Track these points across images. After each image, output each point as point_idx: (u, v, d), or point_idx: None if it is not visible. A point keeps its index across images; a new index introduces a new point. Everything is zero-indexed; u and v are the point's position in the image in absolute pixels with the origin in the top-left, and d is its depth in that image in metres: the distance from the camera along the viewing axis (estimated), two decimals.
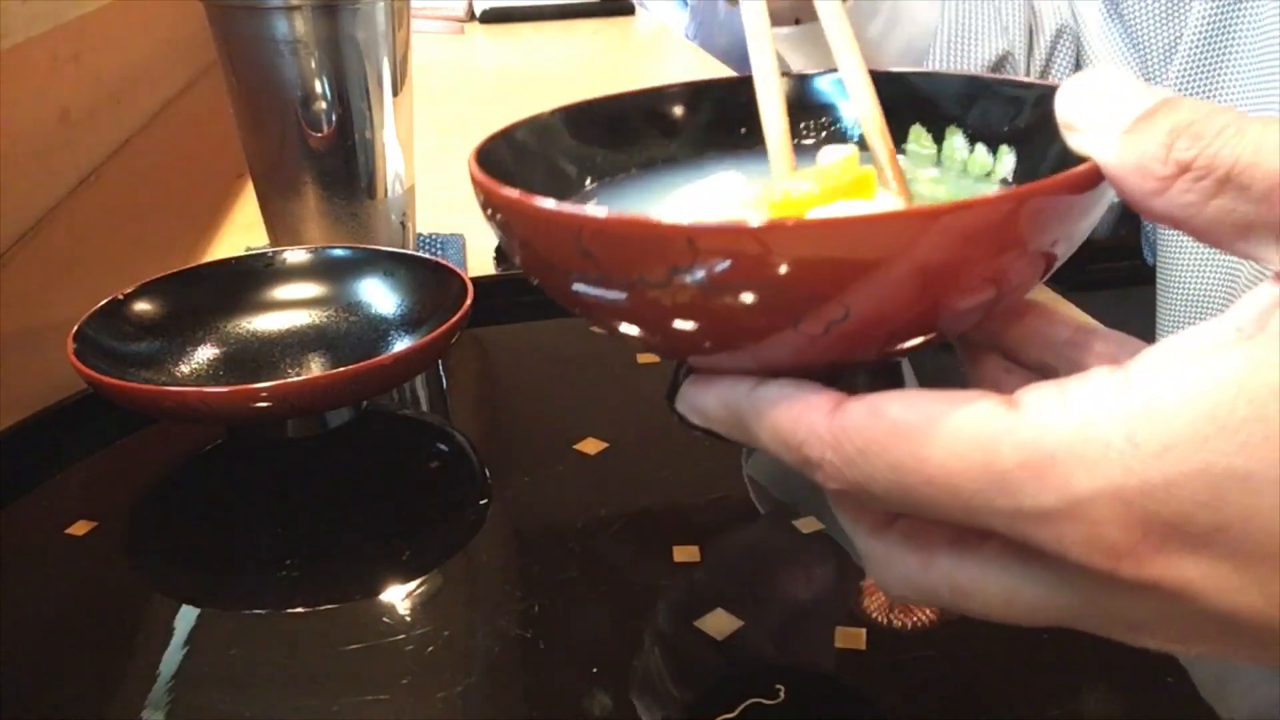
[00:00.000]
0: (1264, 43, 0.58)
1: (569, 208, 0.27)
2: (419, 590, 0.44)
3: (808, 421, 0.26)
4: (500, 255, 0.80)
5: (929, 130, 0.37)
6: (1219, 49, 0.60)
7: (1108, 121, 0.26)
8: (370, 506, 0.50)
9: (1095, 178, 0.26)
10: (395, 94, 0.70)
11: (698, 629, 0.40)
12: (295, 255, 0.62)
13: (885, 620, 0.41)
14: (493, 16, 1.87)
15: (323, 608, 0.44)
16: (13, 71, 0.86)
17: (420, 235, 0.78)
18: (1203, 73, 0.61)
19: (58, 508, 0.50)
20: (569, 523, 0.48)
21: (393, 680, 0.39)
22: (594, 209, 0.26)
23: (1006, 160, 0.35)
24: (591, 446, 0.53)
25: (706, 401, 0.29)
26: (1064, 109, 0.27)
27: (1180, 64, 0.61)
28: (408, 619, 0.42)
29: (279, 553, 0.47)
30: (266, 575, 0.46)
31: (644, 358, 0.61)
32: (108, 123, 1.11)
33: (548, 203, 0.27)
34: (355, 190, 0.70)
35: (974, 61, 0.61)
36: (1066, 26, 0.68)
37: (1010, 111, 0.35)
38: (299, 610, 0.44)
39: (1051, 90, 0.31)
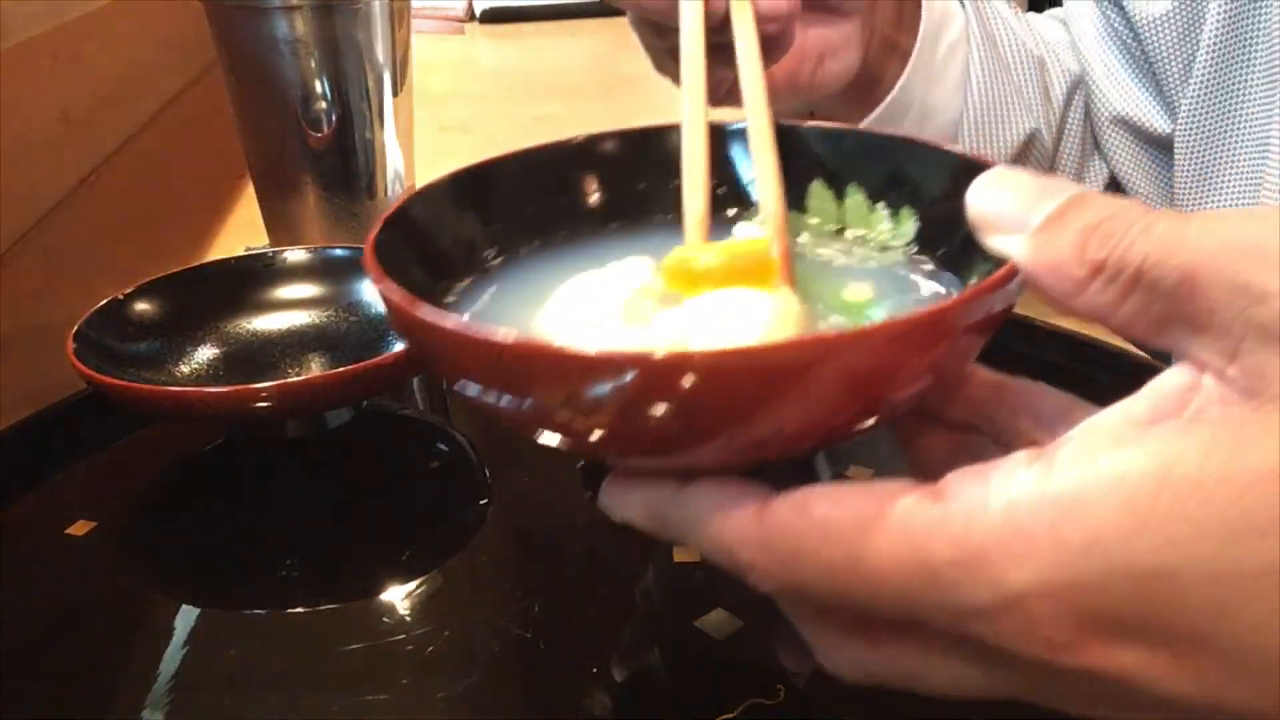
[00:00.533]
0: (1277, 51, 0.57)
1: (471, 329, 0.26)
2: (419, 590, 0.44)
3: (734, 526, 0.26)
4: None
5: (830, 188, 0.36)
6: (1235, 62, 0.60)
7: (1020, 222, 0.26)
8: (370, 506, 0.50)
9: (1010, 277, 0.26)
10: (395, 94, 0.70)
11: (698, 629, 0.40)
12: (295, 255, 0.62)
13: None
14: (493, 16, 1.87)
15: (323, 608, 0.44)
16: (13, 71, 0.86)
17: None
18: (1220, 88, 0.61)
19: (58, 508, 0.50)
20: (569, 523, 0.48)
21: (393, 680, 0.39)
22: (498, 332, 0.25)
23: (909, 225, 0.34)
24: None
25: (628, 504, 0.28)
26: (976, 210, 0.28)
27: (1197, 83, 0.61)
28: (408, 619, 0.42)
29: (279, 553, 0.47)
30: (266, 575, 0.46)
31: None
32: (108, 123, 1.11)
33: (447, 320, 0.26)
34: (355, 190, 0.70)
35: (1002, 143, 0.61)
36: (1077, 82, 0.68)
37: (916, 173, 0.34)
38: (299, 610, 0.44)
39: (958, 157, 0.31)
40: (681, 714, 0.37)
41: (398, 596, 0.44)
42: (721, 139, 0.37)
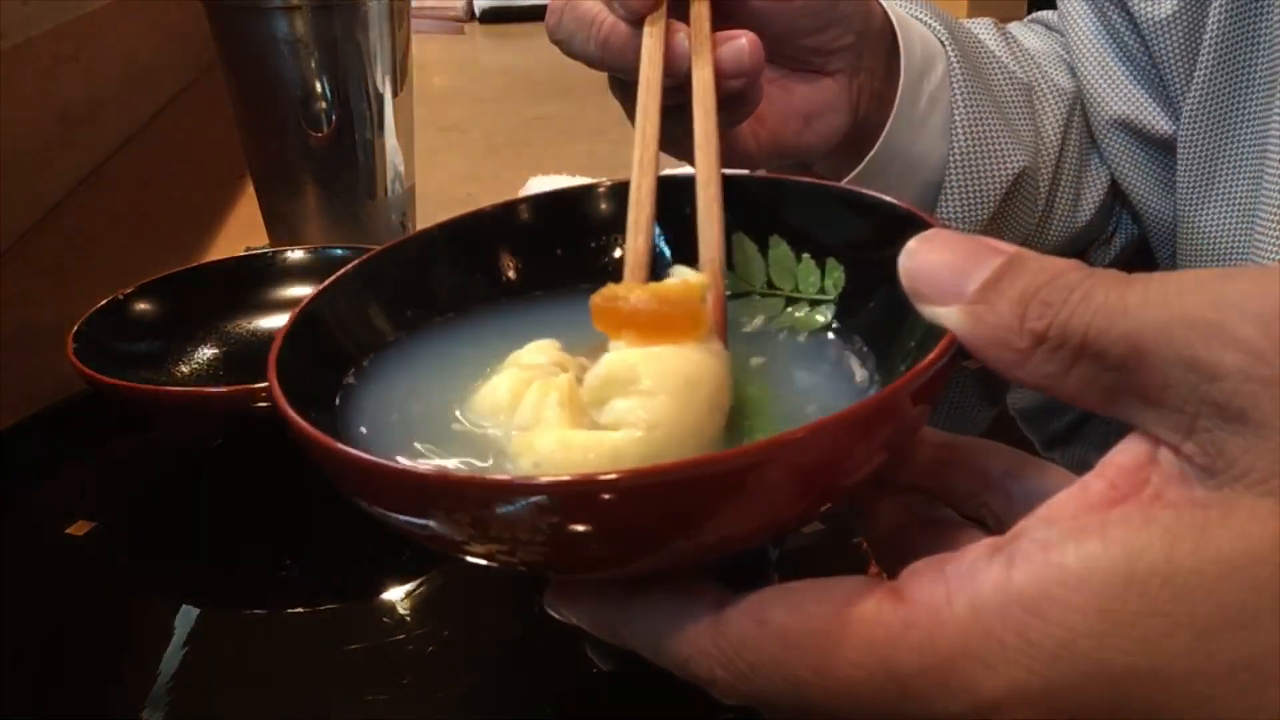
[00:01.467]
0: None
1: (382, 464, 0.25)
2: (419, 590, 0.44)
3: (689, 641, 0.25)
4: None
5: (754, 240, 0.35)
6: (1236, 64, 0.60)
7: (955, 290, 0.25)
8: None
9: (948, 350, 0.25)
10: (395, 94, 0.70)
11: None
12: (295, 255, 0.62)
13: None
14: (492, 16, 1.87)
15: (323, 608, 0.44)
16: (13, 71, 0.86)
17: None
18: (1222, 90, 0.60)
19: (58, 508, 0.50)
20: None
21: (393, 680, 0.39)
22: (402, 466, 0.24)
23: (835, 275, 0.33)
24: None
25: (576, 614, 0.27)
26: (910, 278, 0.26)
27: (1199, 84, 0.61)
28: (408, 619, 0.42)
29: (279, 553, 0.47)
30: (266, 575, 0.46)
31: None
32: (108, 123, 1.11)
33: (356, 455, 0.25)
34: (355, 190, 0.70)
35: (993, 183, 0.60)
36: (1074, 99, 0.67)
37: (842, 223, 0.33)
38: (299, 610, 0.44)
39: (886, 205, 0.30)
40: (681, 714, 0.37)
41: (398, 596, 0.44)
42: (667, 190, 0.36)
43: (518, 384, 0.30)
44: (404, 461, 0.25)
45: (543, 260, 0.37)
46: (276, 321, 0.60)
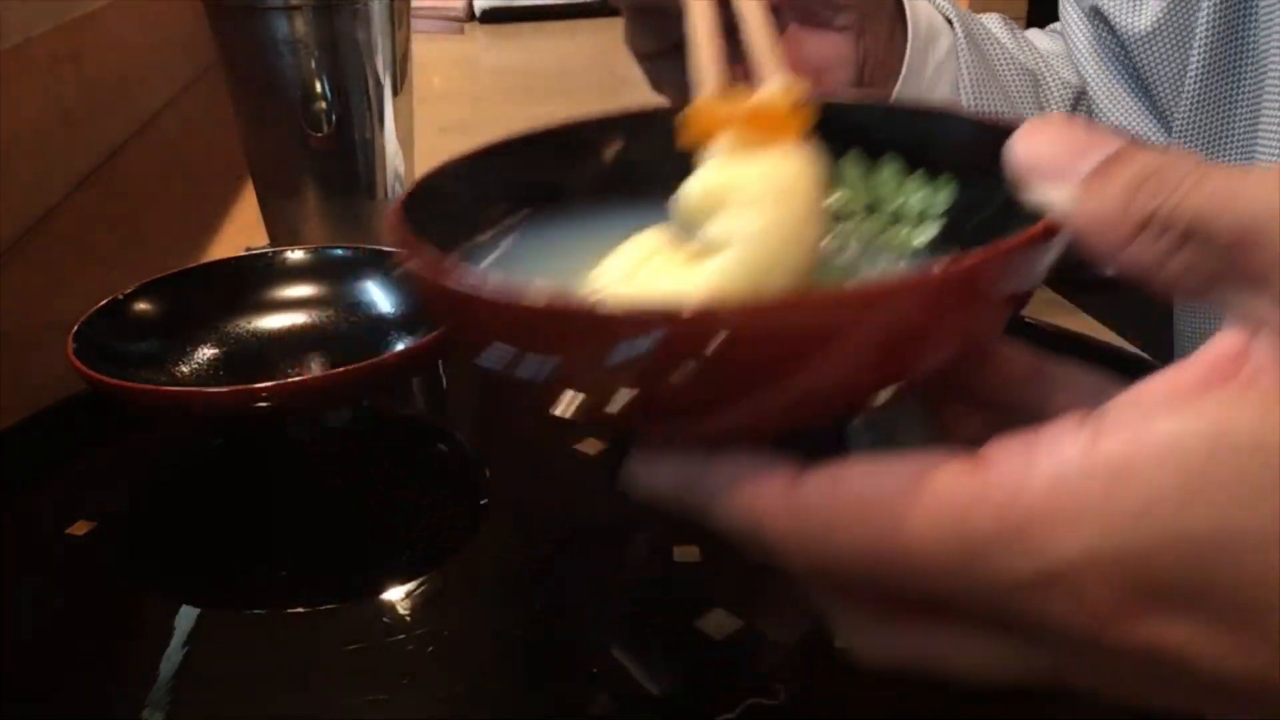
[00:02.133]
0: (1275, 18, 0.57)
1: (491, 290, 0.25)
2: (419, 590, 0.44)
3: (763, 499, 0.25)
4: None
5: (865, 161, 0.35)
6: (1224, 75, 0.60)
7: (1065, 173, 0.25)
8: (370, 506, 0.50)
9: (1051, 233, 0.25)
10: (395, 94, 0.70)
11: (698, 629, 0.40)
12: (295, 255, 0.62)
13: None
14: (493, 16, 1.87)
15: (323, 608, 0.44)
16: (13, 71, 0.86)
17: None
18: (1211, 102, 0.60)
19: (58, 508, 0.50)
20: (569, 523, 0.48)
21: (393, 680, 0.39)
22: (518, 291, 0.24)
23: (945, 194, 0.33)
24: (591, 446, 0.53)
25: (653, 481, 0.27)
26: (1018, 159, 0.26)
27: (1189, 96, 0.61)
28: (408, 619, 0.42)
29: (279, 553, 0.47)
30: (266, 575, 0.46)
31: None
32: (108, 123, 1.11)
33: (460, 281, 0.25)
34: (355, 190, 0.70)
35: None
36: (1078, 94, 0.67)
37: (953, 144, 0.33)
38: (299, 610, 0.44)
39: (994, 125, 0.30)
40: (681, 714, 0.37)
41: (398, 596, 0.44)
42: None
43: (632, 258, 0.30)
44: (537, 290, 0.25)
45: (641, 170, 0.37)
46: (277, 321, 0.60)
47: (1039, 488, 0.22)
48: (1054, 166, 0.25)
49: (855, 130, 0.35)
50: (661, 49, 0.51)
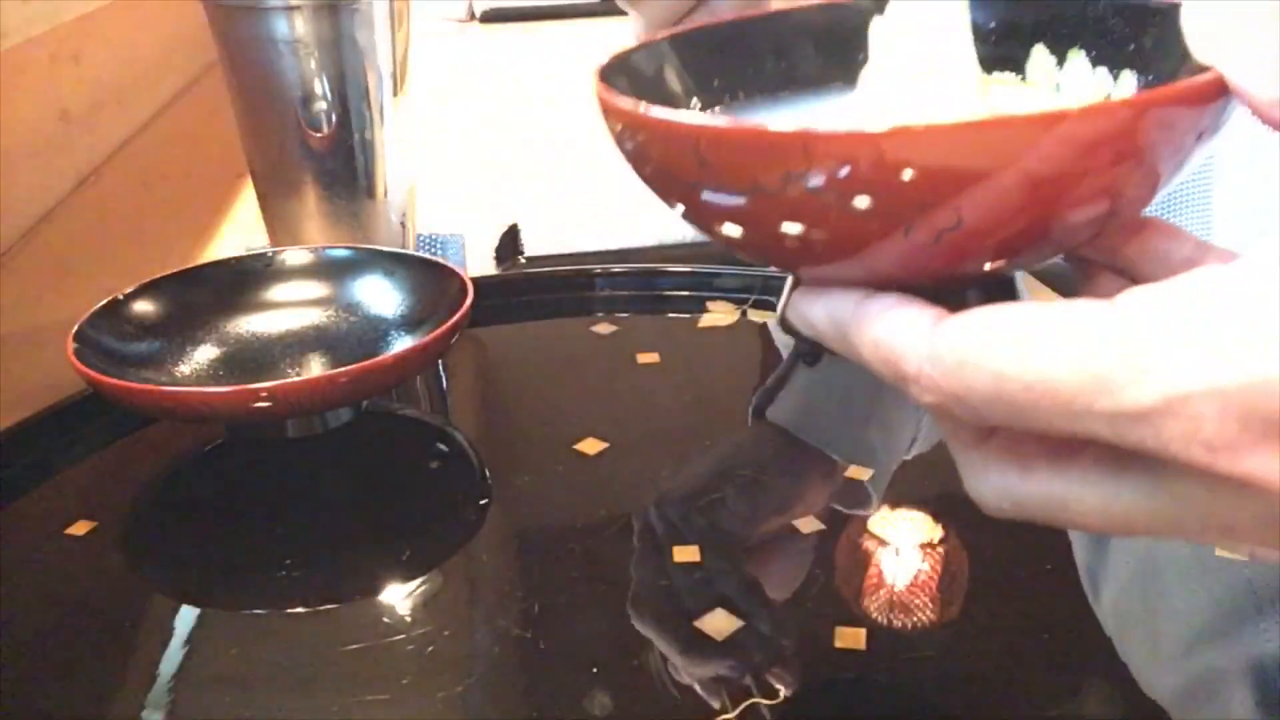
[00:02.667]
0: None
1: (685, 117, 0.27)
2: (419, 590, 0.44)
3: (907, 334, 0.26)
4: (500, 255, 0.80)
5: (1053, 53, 0.36)
6: None
7: (1231, 29, 0.26)
8: (370, 506, 0.50)
9: (1218, 88, 0.26)
10: (395, 94, 0.70)
11: (698, 629, 0.40)
12: (295, 255, 0.62)
13: (885, 620, 0.41)
14: (493, 16, 1.87)
15: (323, 608, 0.44)
16: (13, 71, 0.86)
17: (420, 235, 0.78)
18: None
19: (58, 508, 0.50)
20: (569, 523, 0.48)
21: (393, 680, 0.39)
22: (709, 118, 0.27)
23: (1127, 83, 0.34)
24: (591, 446, 0.53)
25: (814, 312, 0.29)
26: (1188, 18, 0.27)
27: None
28: (408, 619, 0.42)
29: (279, 553, 0.47)
30: (266, 575, 0.46)
31: (644, 358, 0.61)
32: (108, 123, 1.11)
33: (664, 112, 0.28)
34: (355, 190, 0.70)
35: None
36: None
37: (1133, 30, 0.34)
38: (299, 610, 0.44)
39: (1176, 7, 0.30)
40: (681, 714, 0.37)
41: (398, 596, 0.44)
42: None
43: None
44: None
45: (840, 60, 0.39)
46: (277, 321, 0.60)
47: (1166, 320, 0.22)
48: (1221, 24, 0.26)
49: (1047, 18, 0.36)
50: None
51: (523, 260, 0.80)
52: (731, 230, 0.29)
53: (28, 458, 0.52)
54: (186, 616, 0.44)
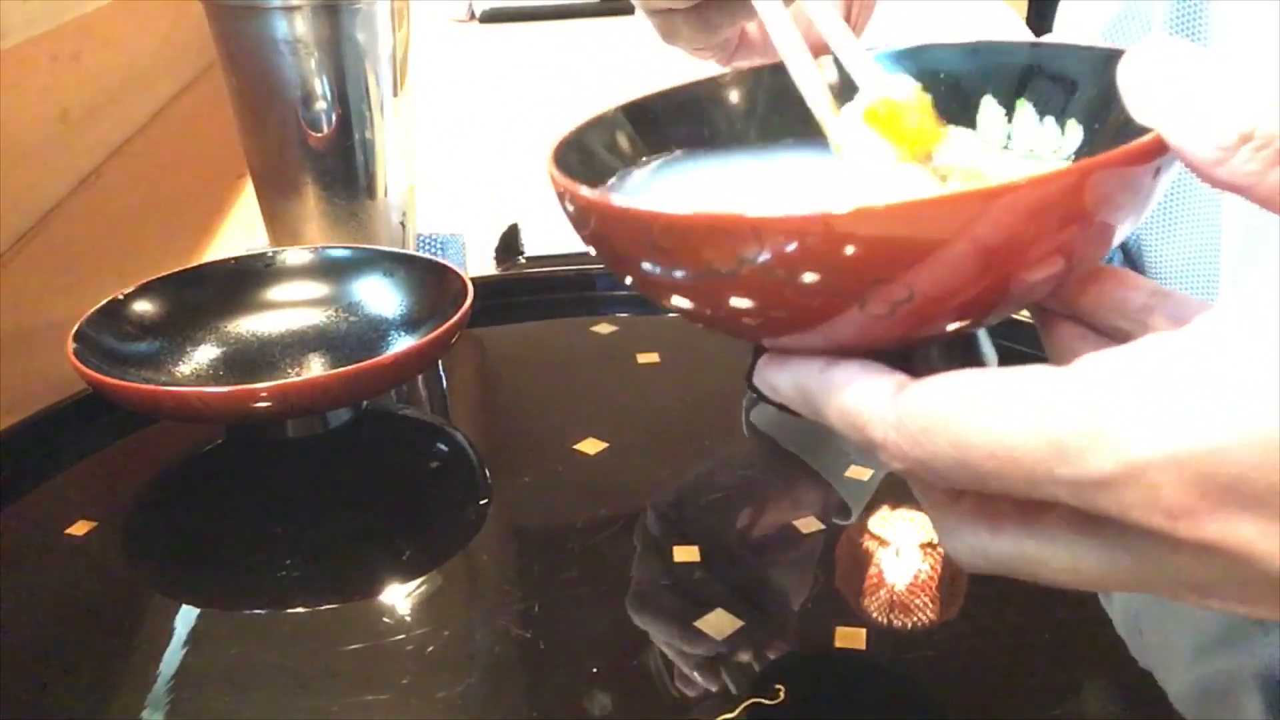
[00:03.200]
0: (1228, 43, 0.58)
1: (641, 204, 0.28)
2: (419, 590, 0.44)
3: (871, 403, 0.26)
4: (500, 255, 0.80)
5: (1000, 103, 0.37)
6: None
7: (1169, 90, 0.26)
8: (370, 506, 0.50)
9: (1158, 149, 0.26)
10: (395, 94, 0.70)
11: (698, 629, 0.40)
12: (295, 255, 0.62)
13: (885, 620, 0.41)
14: (492, 16, 1.87)
15: (323, 608, 0.44)
16: (13, 71, 0.86)
17: (420, 235, 0.78)
18: None
19: (58, 508, 0.50)
20: (569, 523, 0.48)
21: (393, 680, 0.39)
22: (663, 204, 0.27)
23: (1073, 134, 0.34)
24: (591, 446, 0.53)
25: (778, 381, 0.30)
26: (1125, 78, 0.28)
27: None
28: (408, 619, 0.42)
29: (279, 553, 0.47)
30: (266, 575, 0.46)
31: (644, 358, 0.61)
32: (108, 123, 1.11)
33: (620, 200, 0.29)
34: (355, 190, 0.70)
35: None
36: None
37: (1077, 78, 0.35)
38: (299, 610, 0.44)
39: (1118, 54, 0.31)
40: (681, 714, 0.37)
41: (398, 596, 0.44)
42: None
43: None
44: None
45: (760, 120, 0.41)
46: (277, 321, 0.60)
47: (1121, 388, 0.23)
48: (1158, 84, 0.27)
49: (997, 69, 0.37)
50: (674, 4, 0.50)
51: (523, 260, 0.80)
52: (688, 307, 0.30)
53: (28, 458, 0.52)
54: (186, 616, 0.44)
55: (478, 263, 0.79)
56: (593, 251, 0.31)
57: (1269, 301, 0.23)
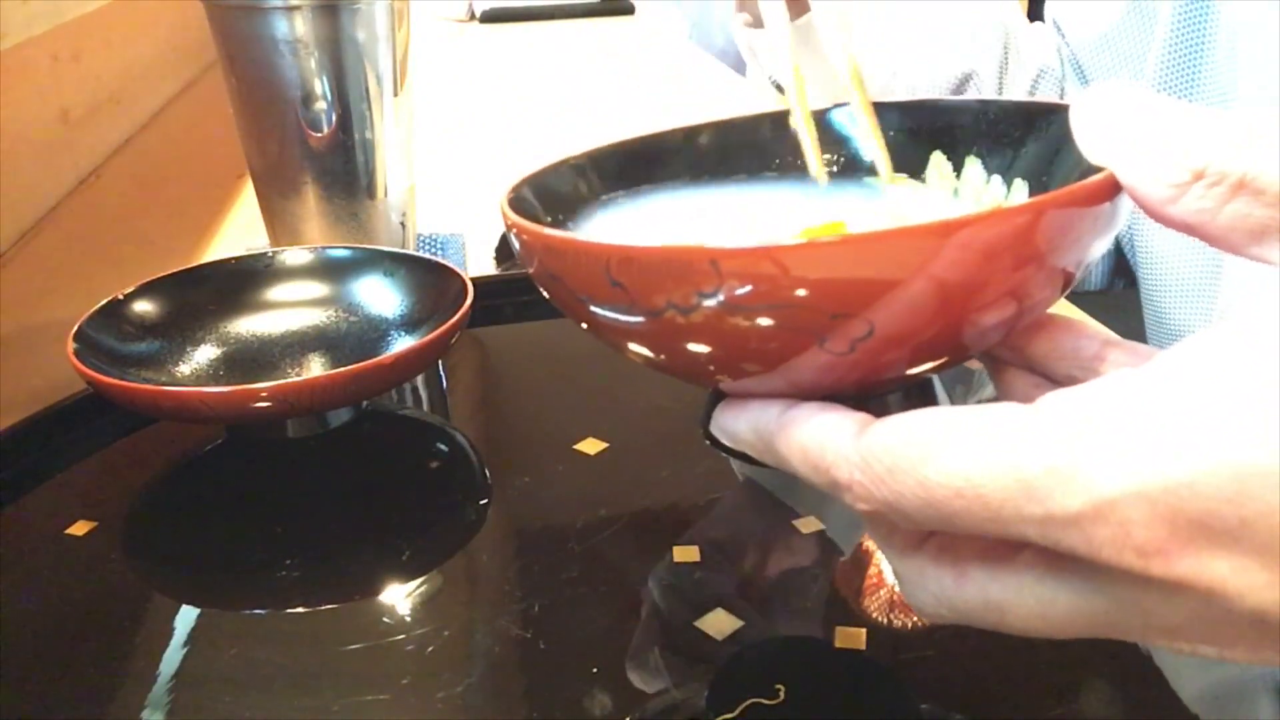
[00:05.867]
0: (1237, 43, 0.58)
1: (597, 239, 0.27)
2: (419, 590, 0.44)
3: (835, 444, 0.26)
4: (500, 255, 0.80)
5: (950, 159, 0.37)
6: (1191, 52, 0.60)
7: (1122, 129, 0.26)
8: (370, 506, 0.50)
9: (1111, 188, 0.26)
10: (395, 94, 0.70)
11: (698, 629, 0.40)
12: (295, 255, 0.62)
13: (885, 620, 0.41)
14: (492, 16, 1.87)
15: (323, 608, 0.44)
16: (13, 71, 0.87)
17: (420, 235, 0.78)
18: (1177, 78, 0.61)
19: (58, 508, 0.50)
20: (569, 523, 0.48)
21: (393, 680, 0.39)
22: (619, 239, 0.27)
23: (1019, 194, 0.35)
24: (591, 446, 0.53)
25: (737, 426, 0.29)
26: (1078, 120, 0.28)
27: (1152, 73, 0.62)
28: (408, 619, 0.42)
29: (279, 553, 0.47)
30: (266, 575, 0.46)
31: None
32: (108, 123, 1.11)
33: (577, 235, 0.29)
34: (355, 190, 0.70)
35: (941, 76, 0.62)
36: (1049, 69, 0.69)
37: (1025, 135, 0.35)
38: (299, 610, 0.44)
39: (1066, 109, 0.31)
40: (681, 714, 0.37)
41: (398, 596, 0.44)
42: (824, 123, 0.40)
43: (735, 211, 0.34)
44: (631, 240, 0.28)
45: (723, 163, 0.41)
46: (277, 321, 0.60)
47: (1088, 426, 0.22)
48: (1111, 125, 0.27)
49: (939, 127, 0.37)
50: None
51: None
52: (646, 351, 0.30)
53: (28, 458, 0.52)
54: (186, 616, 0.44)
55: (478, 263, 0.79)
56: (545, 294, 0.31)
57: (1233, 338, 0.23)
